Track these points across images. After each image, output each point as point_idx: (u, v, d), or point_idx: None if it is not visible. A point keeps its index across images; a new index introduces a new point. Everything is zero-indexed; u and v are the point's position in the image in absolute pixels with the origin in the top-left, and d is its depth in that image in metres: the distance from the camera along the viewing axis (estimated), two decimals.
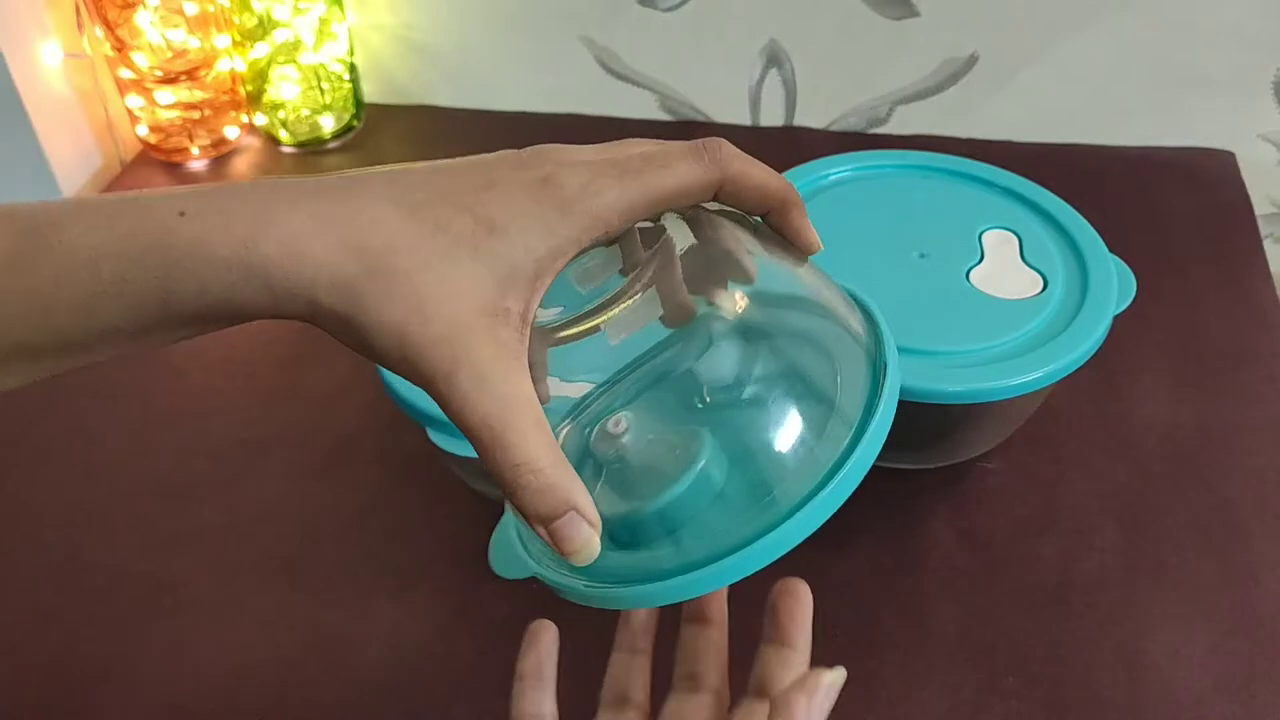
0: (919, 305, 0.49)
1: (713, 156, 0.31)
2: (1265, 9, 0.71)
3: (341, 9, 0.78)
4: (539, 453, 0.28)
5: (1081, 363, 0.48)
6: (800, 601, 0.38)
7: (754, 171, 0.32)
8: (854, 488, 0.31)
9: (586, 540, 0.28)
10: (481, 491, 0.54)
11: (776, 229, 0.34)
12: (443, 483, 0.56)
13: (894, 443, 0.55)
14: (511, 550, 0.34)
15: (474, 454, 0.49)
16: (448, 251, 0.28)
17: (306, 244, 0.27)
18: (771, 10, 0.77)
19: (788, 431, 0.32)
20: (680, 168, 0.31)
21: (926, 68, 0.78)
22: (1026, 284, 0.51)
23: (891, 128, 0.81)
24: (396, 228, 0.28)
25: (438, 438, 0.48)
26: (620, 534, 0.31)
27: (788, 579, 0.38)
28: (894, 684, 0.48)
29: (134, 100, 0.78)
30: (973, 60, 0.77)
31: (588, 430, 0.33)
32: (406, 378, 0.28)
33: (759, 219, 0.34)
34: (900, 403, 0.46)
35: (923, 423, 0.52)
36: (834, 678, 0.34)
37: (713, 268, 0.33)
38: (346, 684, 0.49)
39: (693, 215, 0.33)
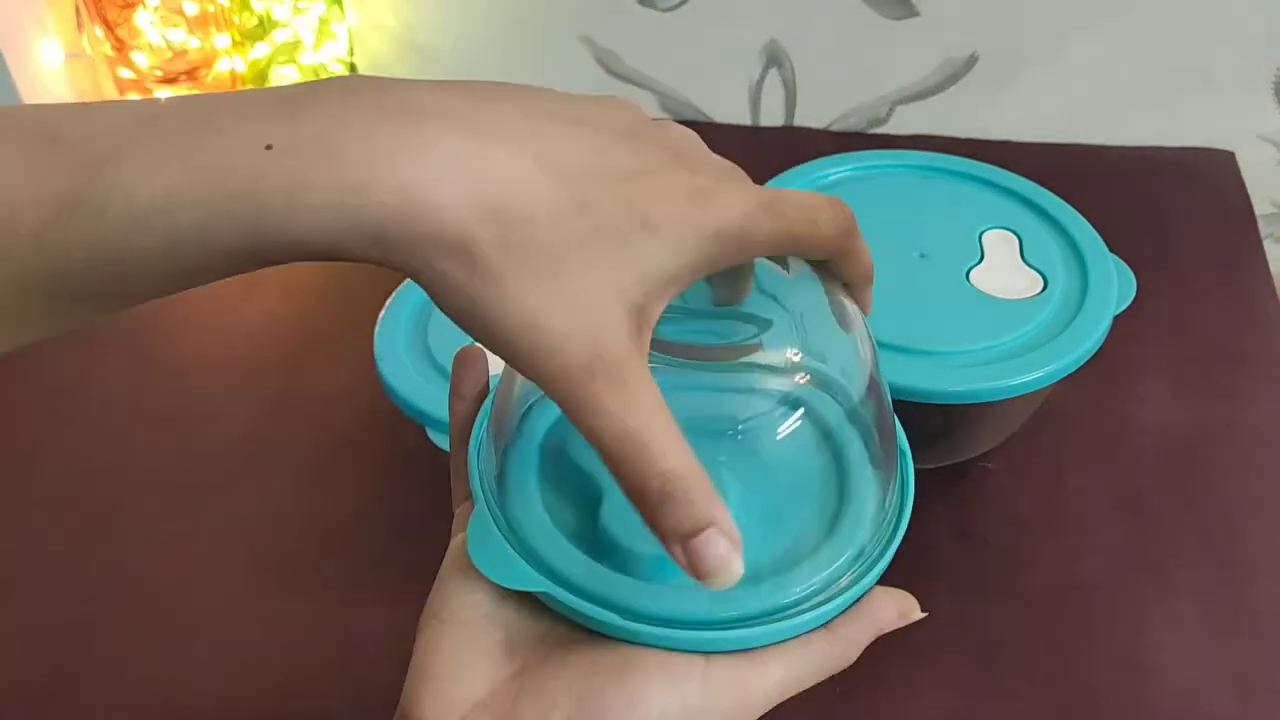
0: (919, 305, 0.49)
1: (850, 226, 0.30)
2: (1265, 9, 0.71)
3: (341, 9, 0.78)
4: (682, 461, 0.24)
5: (1081, 363, 0.48)
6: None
7: (865, 249, 0.31)
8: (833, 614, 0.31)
9: (727, 561, 0.24)
10: None
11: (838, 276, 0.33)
12: (443, 483, 0.56)
13: None
14: (503, 553, 0.31)
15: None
16: (592, 236, 0.25)
17: (430, 193, 0.23)
18: (772, 10, 0.77)
19: (800, 530, 0.32)
20: (825, 228, 0.29)
21: (927, 68, 0.78)
22: (1026, 284, 0.51)
23: (892, 127, 0.81)
24: (541, 194, 0.24)
25: (438, 438, 0.48)
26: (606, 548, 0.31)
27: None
28: (894, 684, 0.48)
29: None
30: (973, 60, 0.77)
31: None
32: (525, 372, 0.25)
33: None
34: (900, 403, 0.46)
35: (923, 423, 0.52)
36: (917, 614, 0.32)
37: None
38: (346, 684, 0.49)
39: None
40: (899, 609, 0.32)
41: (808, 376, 0.32)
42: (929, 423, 0.52)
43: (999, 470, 0.56)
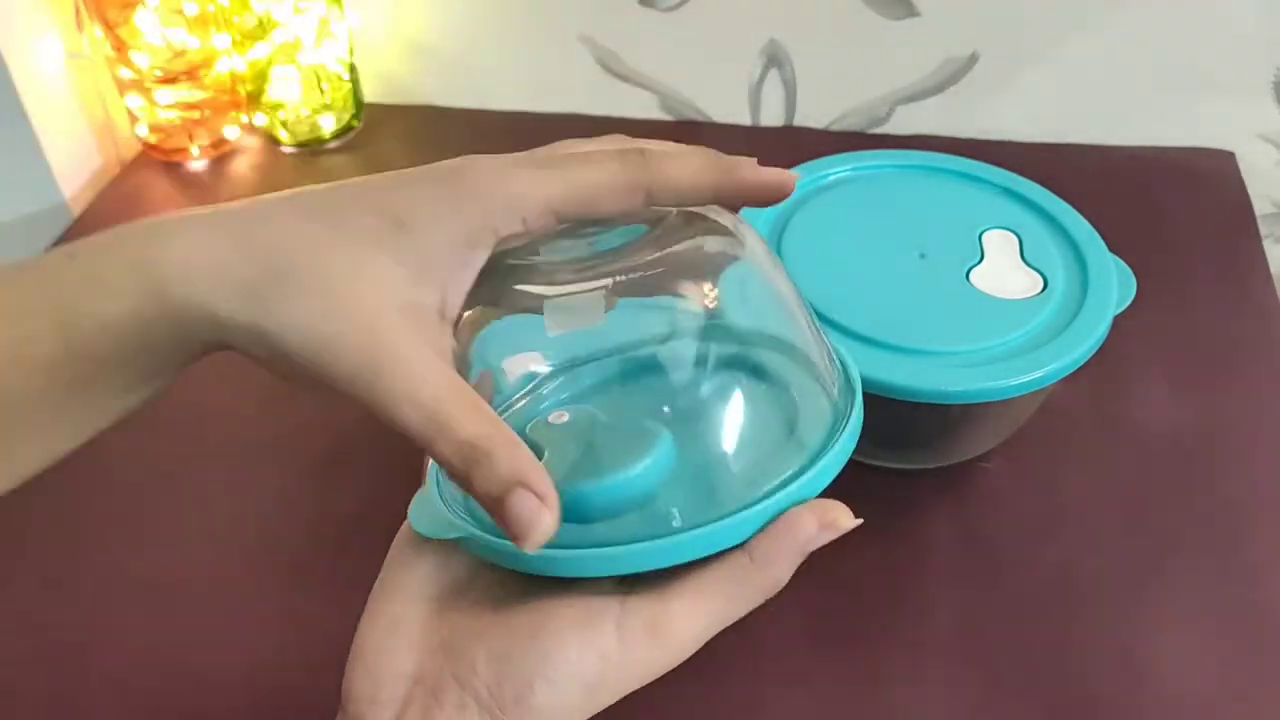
0: (919, 305, 0.49)
1: (638, 159, 0.30)
2: (1265, 9, 0.71)
3: (341, 9, 0.78)
4: (482, 429, 0.26)
5: (1082, 363, 0.48)
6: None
7: (685, 161, 0.30)
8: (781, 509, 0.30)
9: (534, 518, 0.26)
10: None
11: (738, 199, 0.32)
12: None
13: (894, 443, 0.55)
14: (433, 509, 0.33)
15: None
16: (352, 248, 0.27)
17: (201, 257, 0.26)
18: (771, 10, 0.77)
19: (740, 444, 0.32)
20: (603, 166, 0.29)
21: (927, 67, 0.78)
22: (1026, 284, 0.51)
23: (892, 127, 0.81)
24: (296, 229, 0.27)
25: None
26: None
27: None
28: (894, 684, 0.47)
29: (134, 100, 0.78)
30: (973, 60, 0.77)
31: (530, 420, 0.32)
32: (331, 384, 0.26)
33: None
34: (900, 403, 0.46)
35: (922, 423, 0.52)
36: (846, 521, 0.30)
37: (695, 265, 0.32)
38: None
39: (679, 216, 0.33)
40: (819, 520, 0.30)
41: (713, 301, 0.32)
42: (929, 423, 0.52)
43: (999, 470, 0.56)
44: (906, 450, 0.55)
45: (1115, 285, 0.50)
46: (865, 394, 0.35)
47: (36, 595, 0.53)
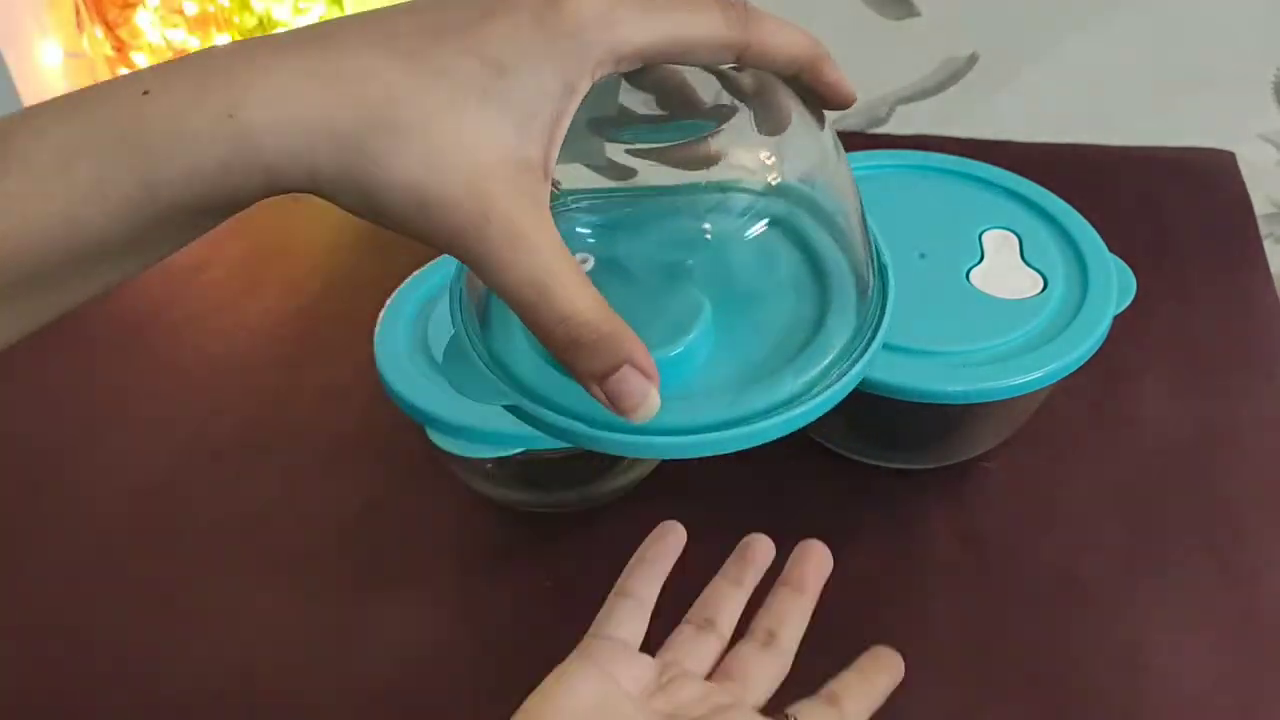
0: (919, 305, 0.49)
1: (740, 14, 0.29)
2: (1265, 10, 0.71)
3: (341, 8, 0.78)
4: (587, 305, 0.25)
5: (1082, 363, 0.48)
6: (822, 559, 0.39)
7: (783, 31, 0.30)
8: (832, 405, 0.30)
9: (644, 395, 0.25)
10: (481, 492, 0.54)
11: (810, 87, 0.32)
12: (443, 483, 0.56)
13: (894, 443, 0.55)
14: (475, 372, 0.31)
15: (474, 454, 0.49)
16: (454, 99, 0.25)
17: (296, 103, 0.24)
18: (771, 10, 0.77)
19: (782, 328, 0.31)
20: (706, 17, 0.28)
21: (927, 67, 0.78)
22: (1026, 284, 0.51)
23: (891, 127, 0.81)
24: (393, 78, 0.25)
25: (438, 438, 0.48)
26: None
27: (811, 542, 0.39)
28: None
29: None
30: (973, 60, 0.77)
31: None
32: (430, 241, 0.26)
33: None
34: (900, 403, 0.46)
35: (923, 423, 0.52)
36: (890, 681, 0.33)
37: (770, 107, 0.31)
38: (346, 684, 0.49)
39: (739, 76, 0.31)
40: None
41: (773, 180, 0.31)
42: (929, 423, 0.52)
43: (999, 470, 0.56)
44: (906, 450, 0.55)
45: (1115, 285, 0.50)
46: (865, 394, 0.35)
47: (38, 594, 0.53)
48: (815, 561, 0.38)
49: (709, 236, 0.31)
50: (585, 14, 0.26)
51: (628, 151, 0.30)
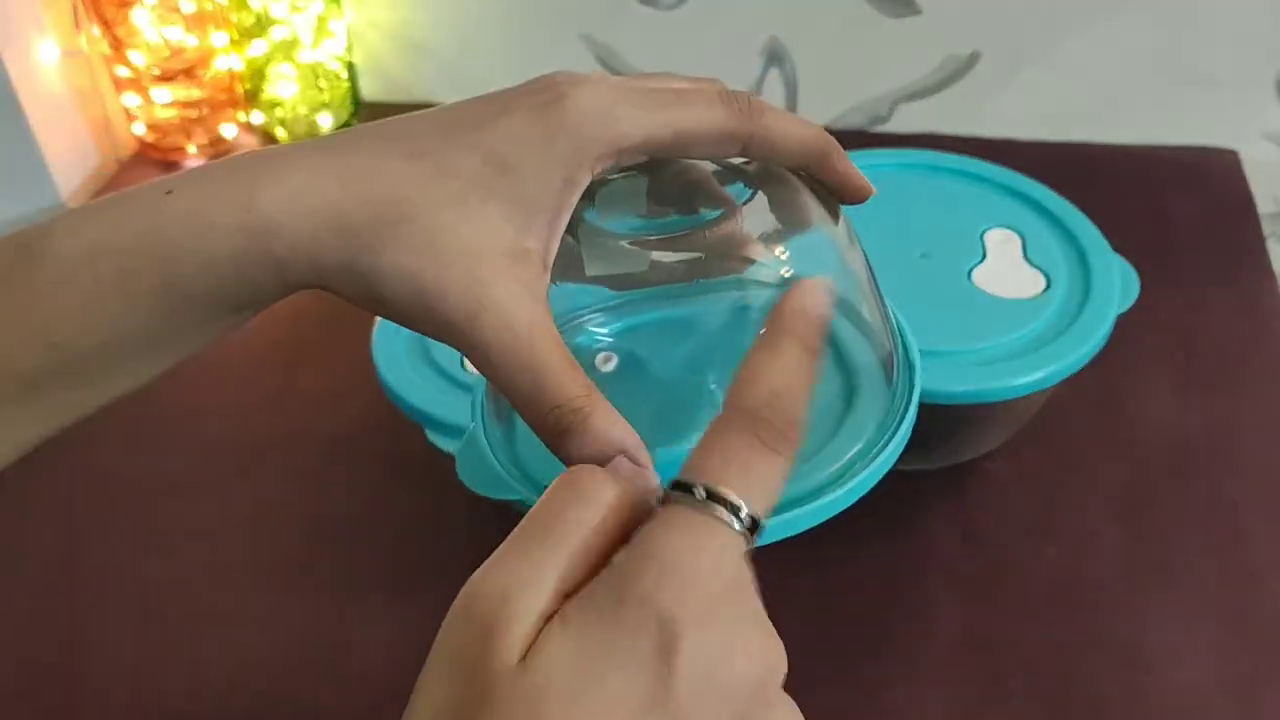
0: (921, 305, 0.49)
1: (743, 106, 0.29)
2: (1269, 7, 0.71)
3: (339, 6, 0.78)
4: (578, 393, 0.26)
5: (1084, 362, 0.47)
6: (818, 301, 0.26)
7: (789, 123, 0.30)
8: (856, 498, 0.31)
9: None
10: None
11: (820, 181, 0.32)
12: (442, 483, 0.55)
13: None
14: (486, 466, 0.32)
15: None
16: (458, 196, 0.26)
17: (305, 199, 0.26)
18: (772, 8, 0.77)
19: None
20: (708, 110, 0.28)
21: (928, 66, 0.77)
22: (1029, 283, 0.50)
23: (893, 126, 0.81)
24: (401, 176, 0.26)
25: (437, 438, 0.48)
26: None
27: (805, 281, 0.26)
28: (896, 684, 0.47)
29: (131, 98, 0.78)
30: (975, 58, 0.76)
31: (576, 345, 0.31)
32: (428, 331, 0.27)
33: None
34: None
35: (925, 423, 0.51)
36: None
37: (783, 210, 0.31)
38: (345, 684, 0.48)
39: (759, 170, 0.31)
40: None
41: (786, 273, 0.31)
42: (931, 423, 0.51)
43: (1001, 471, 0.56)
44: (909, 450, 0.54)
45: (1118, 284, 0.50)
46: None
47: (37, 594, 0.53)
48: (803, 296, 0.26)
49: (725, 332, 0.31)
50: (585, 109, 0.27)
51: (648, 246, 0.31)
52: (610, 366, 0.31)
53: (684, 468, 0.23)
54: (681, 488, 0.23)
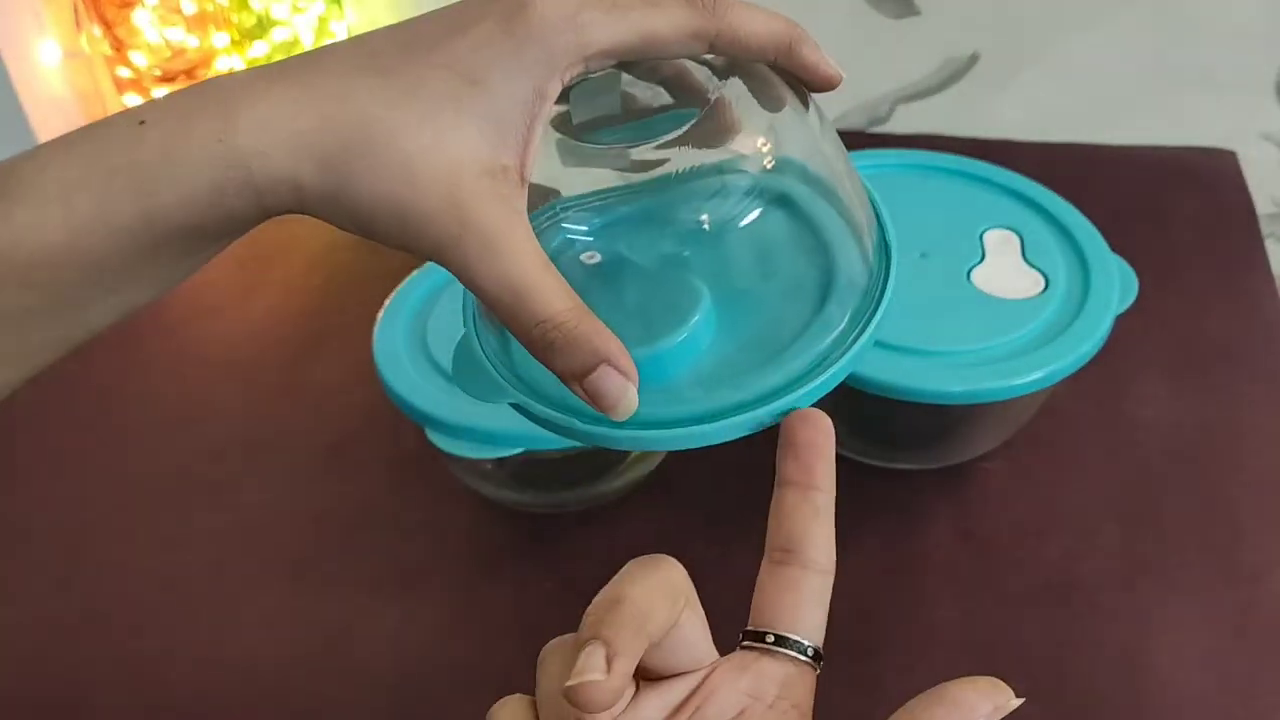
0: (920, 305, 0.49)
1: (708, 3, 0.29)
2: (1267, 8, 0.71)
3: (340, 8, 0.78)
4: (562, 306, 0.26)
5: (1083, 363, 0.47)
6: (823, 432, 0.29)
7: (754, 16, 0.30)
8: (832, 386, 0.30)
9: (622, 393, 0.27)
10: (481, 492, 0.54)
11: (790, 71, 0.32)
12: (443, 483, 0.56)
13: (895, 443, 0.55)
14: (481, 372, 0.32)
15: (474, 454, 0.48)
16: (429, 113, 0.26)
17: (281, 126, 0.26)
18: (772, 8, 0.77)
19: (780, 312, 0.31)
20: (673, 11, 0.28)
21: (928, 67, 0.77)
22: (1028, 283, 0.50)
23: (892, 126, 0.81)
24: (370, 96, 0.26)
25: (437, 438, 0.48)
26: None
27: (804, 409, 0.30)
28: (895, 685, 0.47)
29: (132, 99, 0.78)
30: (974, 59, 0.76)
31: (556, 252, 0.31)
32: (412, 251, 0.27)
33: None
34: (901, 403, 0.46)
35: (923, 423, 0.52)
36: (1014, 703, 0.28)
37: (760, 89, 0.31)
38: (347, 683, 0.49)
39: (726, 64, 0.32)
40: (993, 703, 0.28)
41: (765, 162, 0.31)
42: (930, 423, 0.52)
43: (1000, 471, 0.56)
44: (906, 450, 0.55)
45: (1117, 285, 0.50)
46: (865, 395, 0.35)
47: (39, 593, 0.53)
48: (824, 446, 0.29)
49: (706, 225, 0.31)
50: (550, 18, 0.27)
51: (626, 143, 0.31)
52: (593, 263, 0.31)
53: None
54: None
